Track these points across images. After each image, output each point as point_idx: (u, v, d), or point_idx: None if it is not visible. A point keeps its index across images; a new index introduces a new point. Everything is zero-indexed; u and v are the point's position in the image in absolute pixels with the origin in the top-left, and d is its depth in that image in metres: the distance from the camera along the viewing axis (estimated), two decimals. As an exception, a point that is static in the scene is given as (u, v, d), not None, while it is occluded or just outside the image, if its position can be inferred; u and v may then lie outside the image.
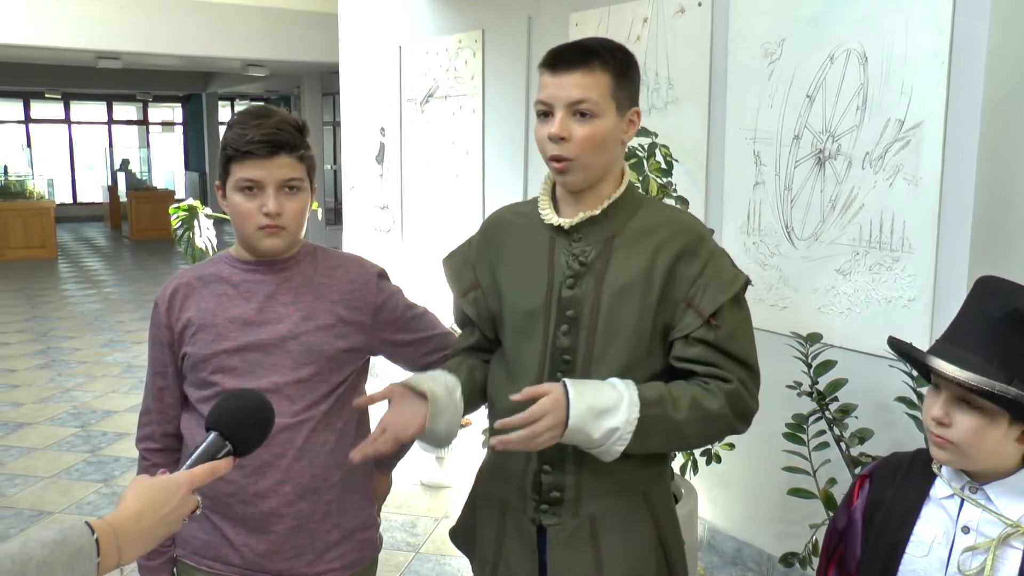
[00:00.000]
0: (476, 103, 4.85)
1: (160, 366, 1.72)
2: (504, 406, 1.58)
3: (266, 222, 1.59)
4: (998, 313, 1.28)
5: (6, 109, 18.03)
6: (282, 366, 1.62)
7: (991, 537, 1.28)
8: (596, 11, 3.90)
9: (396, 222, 5.82)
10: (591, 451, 1.46)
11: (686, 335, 1.49)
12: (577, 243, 1.53)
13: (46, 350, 7.10)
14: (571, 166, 1.47)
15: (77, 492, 4.21)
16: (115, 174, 16.85)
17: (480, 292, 1.64)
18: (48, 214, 12.99)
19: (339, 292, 1.70)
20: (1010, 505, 1.29)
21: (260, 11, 9.56)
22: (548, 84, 1.48)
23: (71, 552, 1.00)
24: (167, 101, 19.65)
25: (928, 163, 2.64)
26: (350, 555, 1.74)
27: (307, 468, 1.63)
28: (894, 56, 2.72)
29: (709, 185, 3.42)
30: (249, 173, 1.58)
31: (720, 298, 1.48)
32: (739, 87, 3.25)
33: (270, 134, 1.57)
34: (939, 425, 1.30)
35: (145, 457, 1.75)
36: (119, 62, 10.62)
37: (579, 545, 1.53)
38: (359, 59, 6.16)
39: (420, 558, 3.54)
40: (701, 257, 1.50)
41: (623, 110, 1.50)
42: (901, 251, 2.74)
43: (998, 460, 1.30)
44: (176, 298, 1.68)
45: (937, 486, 1.37)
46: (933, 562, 1.33)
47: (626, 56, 1.51)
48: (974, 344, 1.29)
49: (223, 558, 1.67)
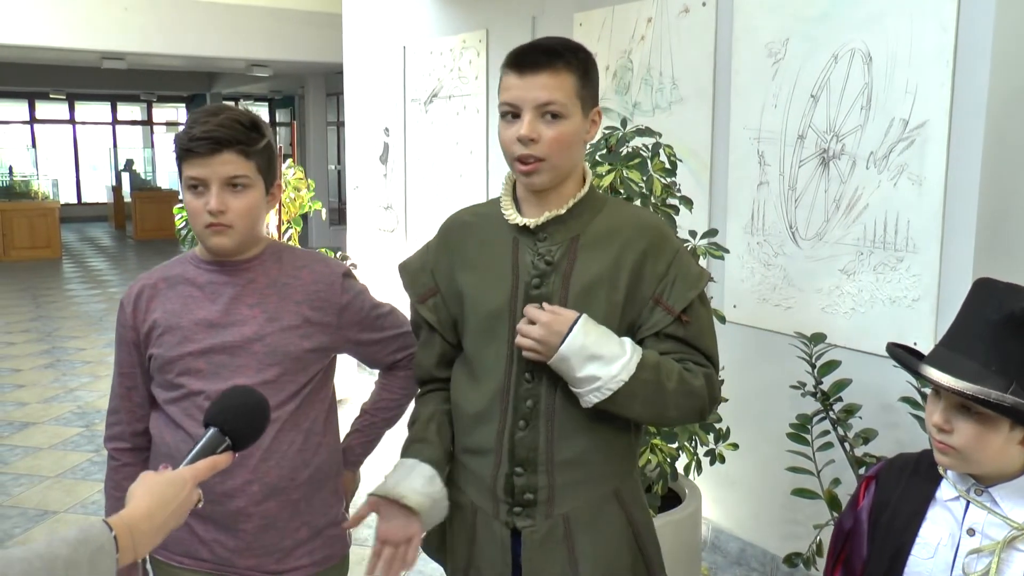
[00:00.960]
0: (480, 103, 4.85)
1: (127, 366, 1.72)
2: (468, 410, 1.58)
3: (210, 220, 1.58)
4: (995, 316, 1.27)
5: (11, 109, 18.07)
6: (248, 368, 1.62)
7: (996, 540, 1.28)
8: (600, 11, 3.90)
9: (400, 222, 5.82)
10: (572, 388, 1.46)
11: (656, 332, 1.51)
12: (543, 243, 1.53)
13: (51, 350, 7.11)
14: (540, 167, 1.47)
15: (82, 491, 4.22)
16: (119, 174, 16.87)
17: (439, 297, 1.62)
18: (53, 214, 13.03)
19: (304, 293, 1.69)
20: (1016, 508, 1.28)
21: (264, 11, 9.57)
22: (513, 85, 1.47)
23: (93, 550, 1.05)
24: (171, 101, 19.68)
25: (932, 163, 2.63)
26: (319, 552, 1.74)
27: (274, 468, 1.63)
28: (899, 56, 2.71)
29: (713, 185, 3.42)
30: (194, 171, 1.57)
31: (689, 294, 1.51)
32: (743, 87, 3.25)
33: (212, 131, 1.55)
34: (940, 432, 1.30)
35: (115, 457, 1.75)
36: (123, 63, 10.63)
37: (553, 546, 1.53)
38: (363, 59, 6.17)
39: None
40: (666, 255, 1.52)
41: (587, 110, 1.51)
42: (905, 251, 2.73)
43: (1002, 464, 1.29)
44: (142, 299, 1.68)
45: (943, 488, 1.36)
46: (939, 564, 1.33)
47: (587, 56, 1.52)
48: (972, 349, 1.28)
49: (193, 553, 1.67)
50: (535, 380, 1.52)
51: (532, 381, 1.52)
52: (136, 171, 16.95)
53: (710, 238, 2.78)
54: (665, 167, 2.76)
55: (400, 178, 5.76)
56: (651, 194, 2.69)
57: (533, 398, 1.52)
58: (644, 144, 2.78)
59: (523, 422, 1.52)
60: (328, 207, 10.69)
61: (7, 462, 4.60)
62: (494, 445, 1.54)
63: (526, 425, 1.52)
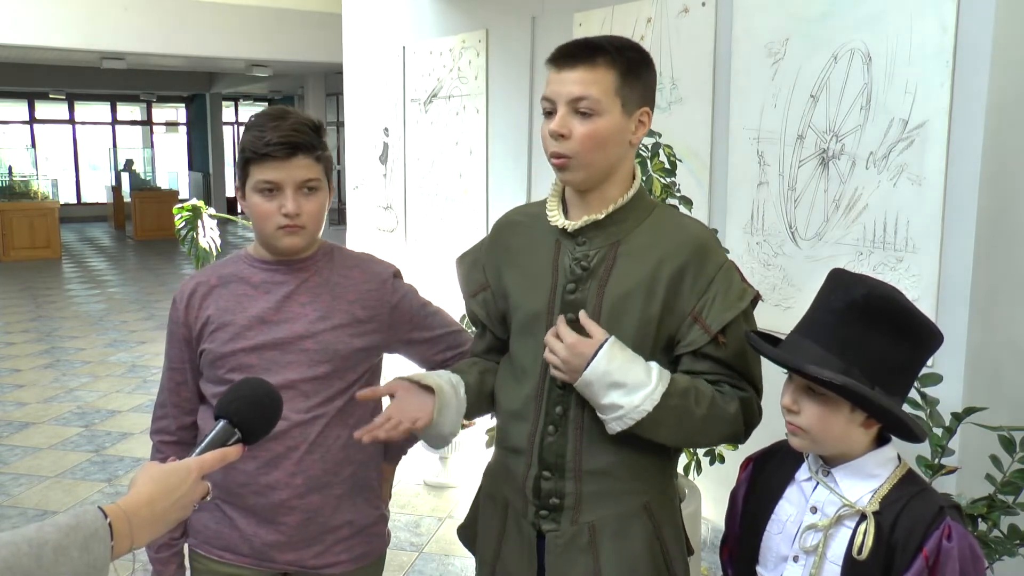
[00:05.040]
0: (480, 103, 4.86)
1: (177, 362, 1.75)
2: (507, 408, 1.58)
3: (285, 222, 1.62)
4: (838, 304, 1.34)
5: (11, 110, 18.07)
6: (298, 364, 1.65)
7: (831, 516, 1.36)
8: (600, 11, 3.90)
9: (399, 222, 5.82)
10: (597, 413, 1.45)
11: (694, 351, 1.47)
12: (581, 247, 1.51)
13: (50, 350, 7.11)
14: (570, 163, 1.45)
15: (81, 491, 4.22)
16: (119, 174, 16.88)
17: (489, 293, 1.63)
18: (52, 214, 13.03)
19: (355, 292, 1.72)
20: (854, 487, 1.36)
21: (264, 11, 9.57)
22: (552, 80, 1.46)
23: (86, 535, 1.02)
24: (171, 101, 19.69)
25: (932, 163, 2.63)
26: (358, 548, 1.76)
27: (319, 462, 1.66)
28: (898, 55, 2.72)
29: (713, 185, 3.42)
30: (268, 175, 1.61)
31: (727, 315, 1.46)
32: (743, 87, 3.25)
33: (288, 136, 1.59)
34: (789, 413, 1.38)
35: (159, 449, 1.78)
36: (123, 63, 10.64)
37: (577, 553, 1.51)
38: (363, 59, 6.17)
39: (424, 557, 3.54)
40: (708, 271, 1.47)
41: (630, 109, 1.46)
42: (905, 251, 2.73)
43: (846, 445, 1.36)
44: (195, 296, 1.71)
45: (801, 469, 1.44)
46: (785, 539, 1.41)
47: (638, 55, 1.48)
48: (817, 335, 1.35)
49: (233, 548, 1.70)
50: (566, 388, 1.50)
51: (563, 388, 1.50)
52: (136, 171, 16.95)
53: (710, 238, 2.78)
54: (665, 167, 2.76)
55: (400, 178, 5.76)
56: (651, 194, 2.69)
57: (563, 405, 1.51)
58: (644, 144, 2.78)
59: (553, 427, 1.51)
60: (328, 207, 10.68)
61: (7, 462, 4.60)
62: (526, 446, 1.54)
63: (556, 431, 1.51)
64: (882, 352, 1.31)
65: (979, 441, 2.27)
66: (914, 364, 1.36)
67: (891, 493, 1.33)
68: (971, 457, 2.32)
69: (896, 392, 1.34)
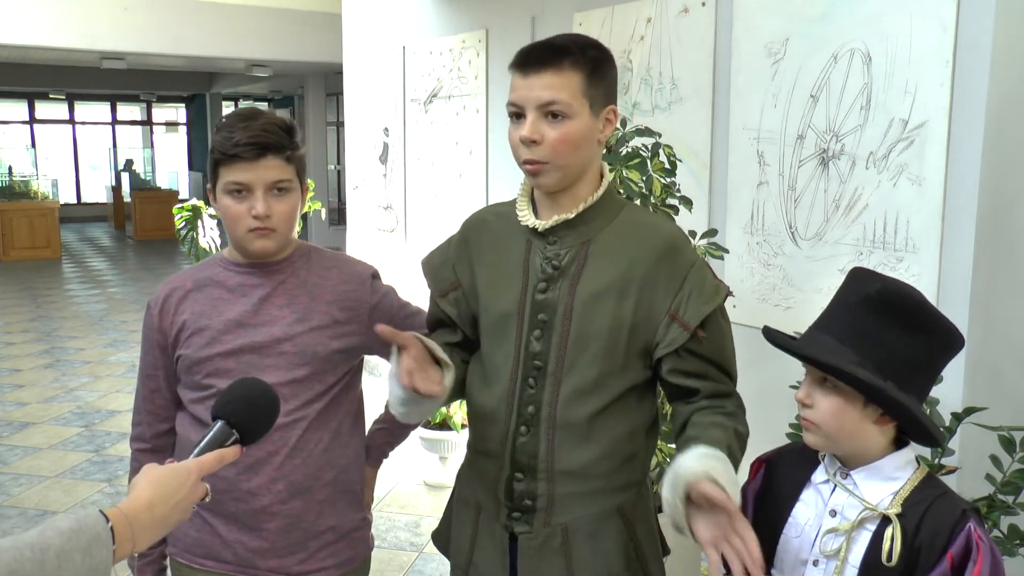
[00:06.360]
0: (480, 103, 4.86)
1: (151, 368, 1.72)
2: (479, 410, 1.56)
3: (255, 224, 1.59)
4: (854, 299, 1.34)
5: (11, 109, 18.07)
6: (277, 367, 1.62)
7: (852, 520, 1.34)
8: (600, 11, 3.91)
9: (399, 222, 5.82)
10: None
11: (676, 349, 1.46)
12: (552, 246, 1.50)
13: (50, 350, 7.11)
14: (544, 168, 1.44)
15: (81, 491, 4.22)
16: (119, 174, 16.88)
17: (461, 292, 1.60)
18: (52, 214, 13.03)
19: (333, 293, 1.70)
20: (874, 489, 1.34)
21: (264, 11, 9.57)
22: (518, 86, 1.44)
23: (88, 540, 1.01)
24: (171, 101, 19.68)
25: (932, 163, 2.63)
26: (343, 553, 1.74)
27: (300, 466, 1.63)
28: (898, 56, 2.72)
29: (713, 185, 3.42)
30: (237, 176, 1.58)
31: (704, 309, 1.45)
32: (743, 87, 3.25)
33: (256, 136, 1.56)
34: (803, 407, 1.37)
35: (136, 458, 1.76)
36: (123, 63, 10.63)
37: (550, 555, 1.50)
38: (363, 59, 6.17)
39: (424, 557, 3.54)
40: (681, 268, 1.47)
41: (597, 109, 1.45)
42: (905, 251, 2.73)
43: (861, 443, 1.35)
44: (170, 301, 1.68)
45: (817, 472, 1.43)
46: (803, 542, 1.40)
47: (600, 52, 1.47)
48: (832, 329, 1.35)
49: (215, 555, 1.67)
50: (537, 386, 1.49)
51: (535, 387, 1.49)
52: (136, 171, 16.95)
53: (710, 238, 2.78)
54: (665, 167, 2.76)
55: (400, 178, 5.76)
56: (651, 194, 2.69)
57: (535, 404, 1.49)
58: (644, 144, 2.78)
59: (525, 427, 1.50)
60: (328, 207, 10.69)
61: (7, 462, 4.60)
62: (498, 448, 1.52)
63: (528, 431, 1.50)
64: (895, 346, 1.30)
65: (979, 441, 2.27)
66: (931, 362, 1.34)
67: (912, 495, 1.32)
68: (971, 457, 2.32)
69: (911, 390, 1.32)
